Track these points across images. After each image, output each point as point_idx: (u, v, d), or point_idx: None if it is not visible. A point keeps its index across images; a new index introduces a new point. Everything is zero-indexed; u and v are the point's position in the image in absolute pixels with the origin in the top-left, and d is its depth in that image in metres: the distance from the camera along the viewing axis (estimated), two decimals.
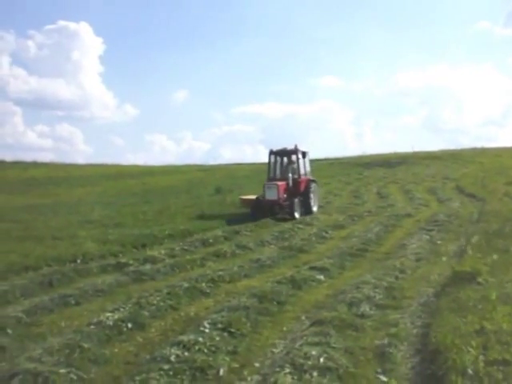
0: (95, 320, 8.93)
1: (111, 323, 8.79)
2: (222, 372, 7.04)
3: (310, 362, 6.94)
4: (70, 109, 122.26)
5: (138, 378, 6.73)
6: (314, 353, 7.21)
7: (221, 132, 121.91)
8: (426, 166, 49.73)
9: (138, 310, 9.57)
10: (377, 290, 10.68)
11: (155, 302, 10.08)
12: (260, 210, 22.75)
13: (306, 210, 23.95)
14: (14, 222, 20.84)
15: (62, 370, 6.94)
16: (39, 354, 7.46)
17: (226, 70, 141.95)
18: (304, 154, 24.60)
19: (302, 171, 24.62)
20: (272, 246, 16.68)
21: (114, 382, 6.91)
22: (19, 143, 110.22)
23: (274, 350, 7.98)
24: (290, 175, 23.73)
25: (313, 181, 25.33)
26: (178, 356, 7.30)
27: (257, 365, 7.42)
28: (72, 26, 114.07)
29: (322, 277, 12.32)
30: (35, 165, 54.81)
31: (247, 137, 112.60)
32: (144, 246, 16.33)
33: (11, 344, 8.19)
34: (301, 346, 7.60)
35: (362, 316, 9.24)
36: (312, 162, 26.90)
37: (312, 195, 24.57)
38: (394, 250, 15.48)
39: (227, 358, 7.48)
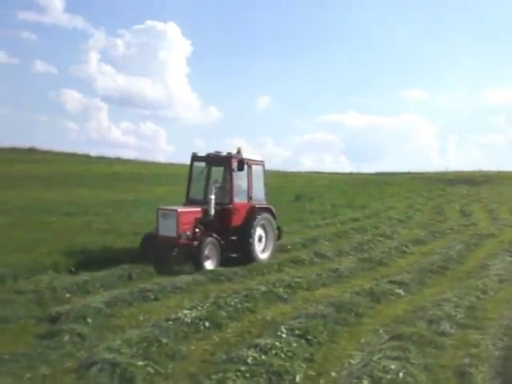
0: (173, 316, 9.05)
1: (189, 320, 8.88)
2: (298, 378, 6.98)
3: (388, 376, 6.81)
4: (155, 108, 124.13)
5: (214, 376, 6.75)
6: (392, 367, 7.07)
7: (302, 140, 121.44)
8: (511, 186, 48.16)
9: (216, 309, 9.64)
10: (458, 309, 10.42)
11: (233, 303, 10.15)
12: (154, 250, 13.92)
13: (245, 255, 14.84)
14: (97, 215, 21.27)
15: (140, 363, 7.06)
16: (118, 344, 7.60)
17: (311, 77, 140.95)
18: (241, 165, 14.62)
19: (237, 192, 15.12)
20: (351, 257, 16.50)
21: (190, 379, 6.96)
22: (104, 139, 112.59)
23: (351, 360, 7.84)
24: (212, 197, 14.38)
25: (264, 209, 15.66)
26: (254, 358, 7.27)
27: (333, 374, 7.31)
28: (160, 26, 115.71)
29: (401, 291, 12.11)
30: (119, 161, 55.87)
31: (328, 146, 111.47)
32: None
33: (91, 333, 8.42)
34: (379, 359, 7.46)
35: (443, 334, 9.05)
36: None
37: (257, 231, 15.20)
38: (476, 270, 15.04)
39: (304, 365, 7.43)
